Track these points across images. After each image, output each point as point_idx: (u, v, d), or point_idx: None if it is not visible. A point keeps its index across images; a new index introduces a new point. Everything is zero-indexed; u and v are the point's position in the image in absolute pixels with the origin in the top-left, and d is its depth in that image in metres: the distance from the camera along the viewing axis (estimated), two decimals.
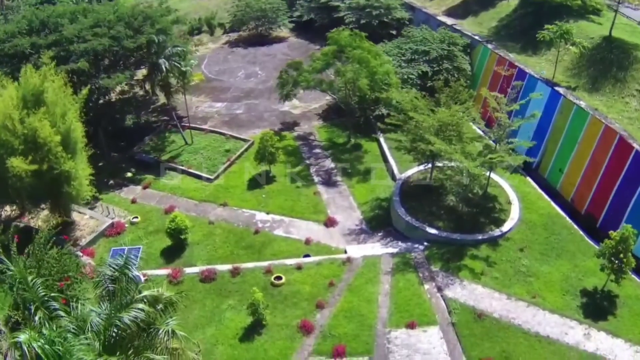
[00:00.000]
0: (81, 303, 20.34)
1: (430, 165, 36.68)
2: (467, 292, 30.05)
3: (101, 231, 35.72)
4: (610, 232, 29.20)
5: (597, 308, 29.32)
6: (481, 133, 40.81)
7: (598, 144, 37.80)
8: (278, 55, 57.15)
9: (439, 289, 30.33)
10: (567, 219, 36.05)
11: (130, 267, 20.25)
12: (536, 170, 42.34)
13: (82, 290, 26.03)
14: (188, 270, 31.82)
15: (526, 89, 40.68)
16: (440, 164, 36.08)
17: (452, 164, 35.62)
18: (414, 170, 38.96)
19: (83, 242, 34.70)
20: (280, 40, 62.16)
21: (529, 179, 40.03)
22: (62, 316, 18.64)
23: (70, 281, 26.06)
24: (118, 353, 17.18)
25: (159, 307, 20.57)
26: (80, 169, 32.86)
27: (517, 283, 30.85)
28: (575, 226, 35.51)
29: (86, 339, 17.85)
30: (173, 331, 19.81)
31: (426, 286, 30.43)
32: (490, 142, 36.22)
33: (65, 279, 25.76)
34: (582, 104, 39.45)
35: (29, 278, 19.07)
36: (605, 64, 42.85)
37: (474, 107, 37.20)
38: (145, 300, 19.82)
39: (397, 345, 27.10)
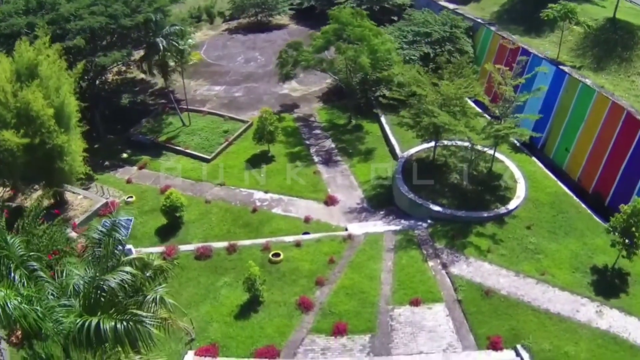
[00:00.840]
0: (66, 268, 18.46)
1: (433, 143, 34.89)
2: (473, 269, 28.25)
3: (94, 210, 33.96)
4: (621, 205, 27.42)
5: (608, 285, 27.61)
6: (481, 112, 39.06)
7: (605, 121, 36.15)
8: (278, 41, 55.37)
9: (444, 266, 28.53)
10: (575, 197, 34.26)
11: (118, 229, 18.48)
12: (541, 151, 40.66)
13: (71, 265, 24.23)
14: (183, 247, 30.06)
15: (531, 65, 38.93)
16: (443, 143, 34.32)
17: (456, 142, 33.91)
18: (417, 149, 37.08)
19: (76, 221, 32.89)
20: (280, 27, 60.45)
21: (534, 159, 38.16)
22: (42, 277, 16.87)
23: (60, 254, 24.30)
24: (99, 313, 15.34)
25: (148, 274, 18.87)
26: (74, 144, 31.10)
27: (524, 260, 29.05)
28: (583, 205, 33.63)
29: (67, 300, 16.14)
30: (162, 299, 18.06)
31: (430, 263, 28.63)
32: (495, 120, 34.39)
33: (54, 252, 24.01)
34: (588, 81, 37.77)
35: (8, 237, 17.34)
36: (610, 44, 41.30)
37: (478, 81, 35.40)
38: (133, 264, 18.07)
39: (400, 322, 25.32)
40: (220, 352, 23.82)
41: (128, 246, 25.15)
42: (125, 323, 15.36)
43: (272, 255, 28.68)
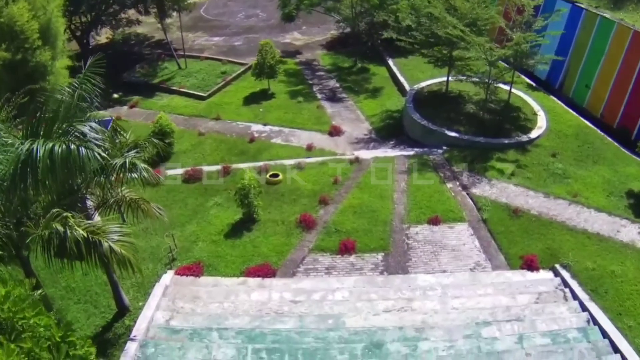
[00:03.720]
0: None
1: (445, 78, 29.91)
2: (497, 190, 23.14)
3: None
4: None
5: None
6: None
7: (627, 52, 30.98)
8: None
9: (464, 188, 23.44)
10: (599, 131, 29.10)
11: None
12: (559, 91, 35.45)
13: None
14: (170, 171, 25.01)
15: (545, 8, 33.84)
16: (457, 76, 29.30)
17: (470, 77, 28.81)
18: (428, 82, 32.00)
19: None
20: None
21: (552, 97, 33.05)
22: None
23: None
24: None
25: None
26: (58, 64, 26.36)
27: (553, 184, 23.94)
28: (609, 138, 28.53)
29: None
30: (134, 165, 13.23)
31: (449, 185, 23.52)
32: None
33: None
34: (607, 14, 32.70)
35: None
36: None
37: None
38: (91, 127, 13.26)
39: (418, 241, 20.17)
40: (206, 271, 18.75)
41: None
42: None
43: (270, 175, 23.61)
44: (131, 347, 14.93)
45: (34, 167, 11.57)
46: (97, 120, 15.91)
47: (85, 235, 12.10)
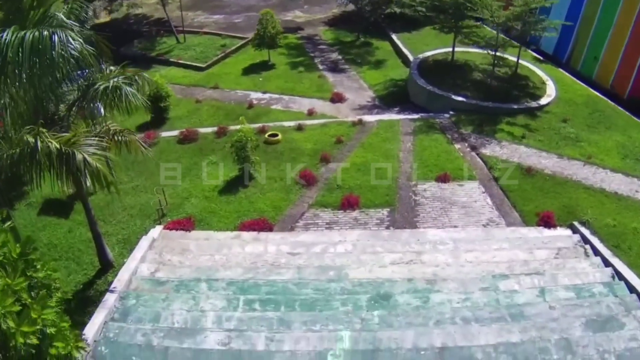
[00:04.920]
0: None
1: (450, 49, 28.03)
2: (507, 151, 21.23)
3: None
4: None
5: None
6: None
7: (636, 22, 29.07)
8: None
9: (473, 148, 21.54)
10: (610, 101, 27.17)
11: None
12: (567, 64, 33.52)
13: None
14: (165, 133, 23.10)
15: None
16: (463, 41, 27.40)
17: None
18: (433, 52, 30.07)
19: None
20: None
21: (560, 70, 31.13)
22: None
23: None
24: None
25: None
26: None
27: (566, 146, 22.05)
28: (620, 108, 26.62)
29: None
30: (117, 89, 11.46)
31: (457, 145, 21.61)
32: None
33: None
34: None
35: None
36: None
37: None
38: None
39: (426, 197, 18.23)
40: (197, 227, 16.81)
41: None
42: None
43: (269, 135, 21.68)
44: (110, 299, 13.00)
45: (4, 58, 9.90)
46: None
47: (58, 146, 10.43)
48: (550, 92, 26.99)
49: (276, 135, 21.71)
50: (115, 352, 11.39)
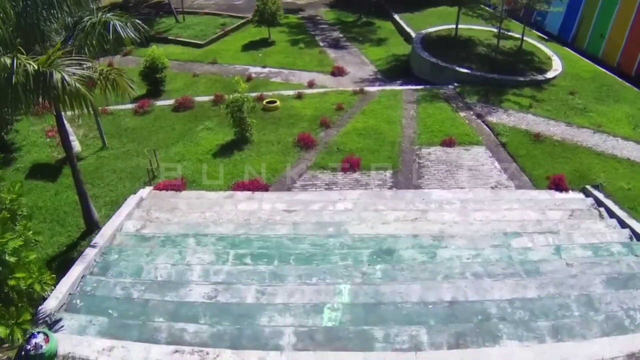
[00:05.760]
0: None
1: (454, 25, 26.69)
2: (515, 119, 19.89)
3: None
4: None
5: None
6: None
7: None
8: None
9: (479, 116, 20.14)
10: (617, 77, 25.75)
11: None
12: (572, 44, 32.11)
13: None
14: (160, 102, 21.79)
15: None
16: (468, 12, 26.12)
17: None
18: (436, 28, 28.70)
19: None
20: None
21: (566, 48, 29.75)
22: None
23: None
24: None
25: None
26: None
27: (575, 116, 20.73)
28: (628, 84, 25.21)
29: None
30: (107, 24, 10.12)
31: (462, 114, 20.27)
32: None
33: None
34: None
35: None
36: None
37: None
38: None
39: (431, 160, 16.88)
40: (189, 188, 15.44)
41: None
42: None
43: (267, 102, 20.33)
44: (90, 253, 11.69)
45: None
46: None
47: (36, 67, 9.20)
48: (557, 67, 25.62)
49: (274, 102, 20.38)
50: (91, 305, 10.07)
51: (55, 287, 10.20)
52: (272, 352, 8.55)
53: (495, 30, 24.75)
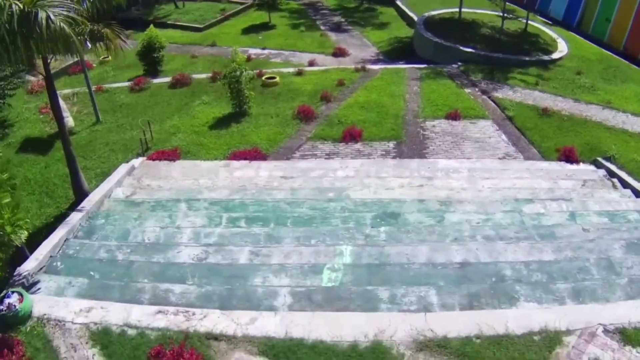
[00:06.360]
0: None
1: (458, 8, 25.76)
2: (521, 95, 18.92)
3: (63, 67, 24.82)
4: None
5: None
6: None
7: None
8: None
9: (484, 92, 19.08)
10: (624, 60, 24.70)
11: None
12: (578, 29, 31.11)
13: None
14: (156, 80, 20.82)
15: None
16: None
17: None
18: (439, 11, 27.71)
19: (40, 77, 23.74)
20: None
21: (571, 33, 28.74)
22: None
23: None
24: None
25: None
26: None
27: (582, 93, 19.65)
28: (635, 66, 24.17)
29: None
30: None
31: (467, 90, 19.24)
32: None
33: None
34: None
35: None
36: None
37: None
38: None
39: (436, 132, 15.87)
40: (183, 158, 14.46)
41: None
42: None
43: (266, 78, 19.36)
44: (74, 217, 10.71)
45: None
46: None
47: (22, 6, 8.36)
48: (562, 49, 24.62)
49: (274, 77, 19.42)
50: (72, 267, 9.11)
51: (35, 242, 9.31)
52: (265, 312, 7.57)
53: (499, 13, 23.76)
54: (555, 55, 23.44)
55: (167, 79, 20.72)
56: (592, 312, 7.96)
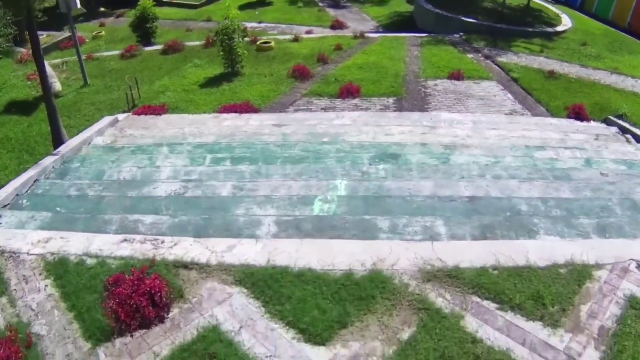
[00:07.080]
0: None
1: None
2: (526, 60, 17.73)
3: (54, 42, 23.71)
4: None
5: None
6: None
7: None
8: None
9: (488, 57, 17.85)
10: (629, 36, 23.48)
11: None
12: (581, 8, 29.92)
13: None
14: (148, 48, 19.63)
15: None
16: None
17: None
18: None
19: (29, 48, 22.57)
20: None
21: (575, 11, 27.57)
22: None
23: None
24: None
25: None
26: None
27: (588, 61, 18.38)
28: None
29: None
30: None
31: (469, 55, 18.00)
32: None
33: None
34: None
35: None
36: None
37: None
38: None
39: (438, 90, 14.63)
40: (170, 113, 13.25)
41: None
42: None
43: (261, 42, 18.16)
44: (48, 160, 9.51)
45: None
46: None
47: None
48: (566, 22, 23.46)
49: (269, 42, 18.22)
50: (38, 203, 7.93)
51: None
52: (245, 239, 6.36)
53: None
54: (559, 28, 22.29)
55: (159, 47, 19.50)
56: (623, 247, 6.77)
